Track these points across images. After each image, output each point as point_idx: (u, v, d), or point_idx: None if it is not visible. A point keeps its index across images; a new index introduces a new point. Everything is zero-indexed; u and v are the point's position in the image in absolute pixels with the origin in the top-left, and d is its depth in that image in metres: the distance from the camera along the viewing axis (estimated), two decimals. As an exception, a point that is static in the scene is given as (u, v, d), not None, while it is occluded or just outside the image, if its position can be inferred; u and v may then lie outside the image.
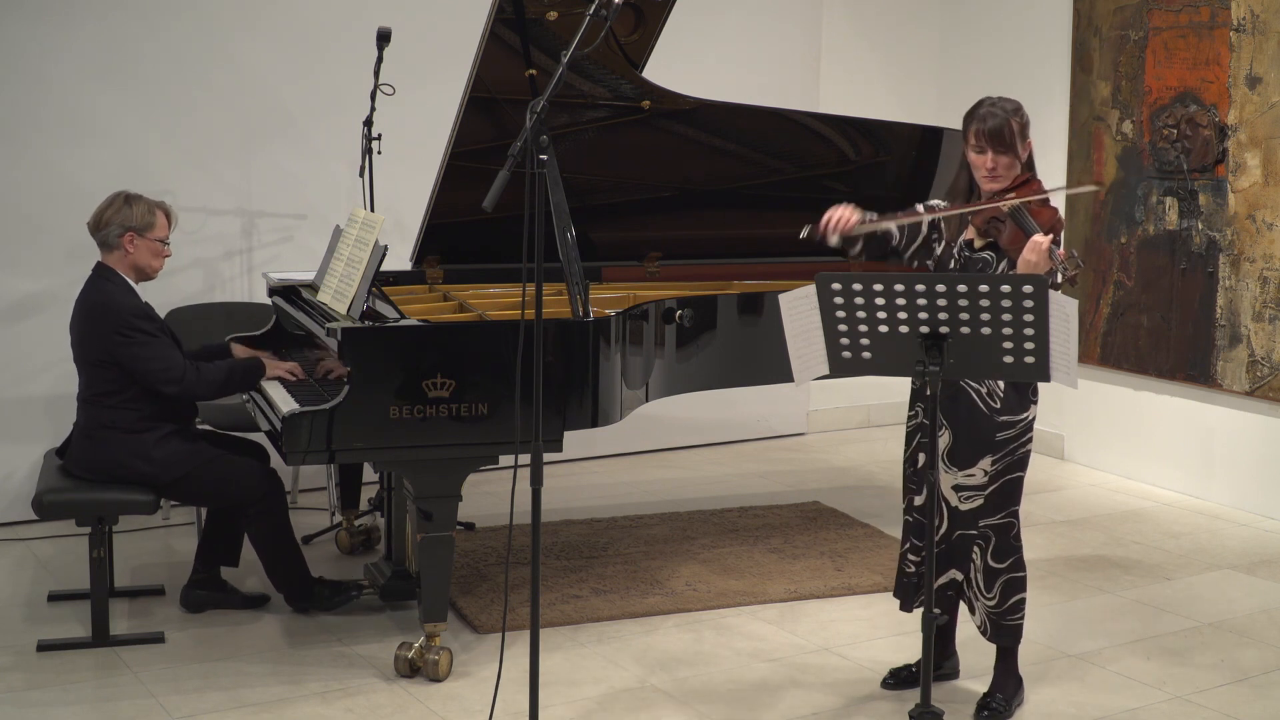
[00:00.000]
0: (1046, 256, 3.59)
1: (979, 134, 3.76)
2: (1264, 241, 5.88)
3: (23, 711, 3.86)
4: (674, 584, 4.91)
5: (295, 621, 4.53)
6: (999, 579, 3.86)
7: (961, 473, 3.83)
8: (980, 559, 3.87)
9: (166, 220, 4.45)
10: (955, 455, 3.83)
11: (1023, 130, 3.78)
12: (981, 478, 3.82)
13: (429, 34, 5.97)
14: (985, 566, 3.86)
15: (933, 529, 3.53)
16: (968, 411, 3.81)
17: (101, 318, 4.28)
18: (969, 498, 3.84)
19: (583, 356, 4.14)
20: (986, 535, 3.86)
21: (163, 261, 4.47)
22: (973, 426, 3.80)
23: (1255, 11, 5.86)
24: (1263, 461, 5.98)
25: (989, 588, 3.87)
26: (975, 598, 3.89)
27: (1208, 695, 4.10)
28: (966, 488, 3.84)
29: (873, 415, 7.65)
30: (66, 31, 5.49)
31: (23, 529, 5.45)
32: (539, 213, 3.17)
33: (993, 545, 3.86)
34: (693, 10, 5.63)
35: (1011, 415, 3.80)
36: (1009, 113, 3.76)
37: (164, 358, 4.29)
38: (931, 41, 7.58)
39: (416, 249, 4.88)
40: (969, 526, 3.86)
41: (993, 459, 3.81)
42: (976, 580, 3.88)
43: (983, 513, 3.85)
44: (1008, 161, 3.76)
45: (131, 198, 4.40)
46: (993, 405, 3.79)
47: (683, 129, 5.08)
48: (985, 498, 3.84)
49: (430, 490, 4.02)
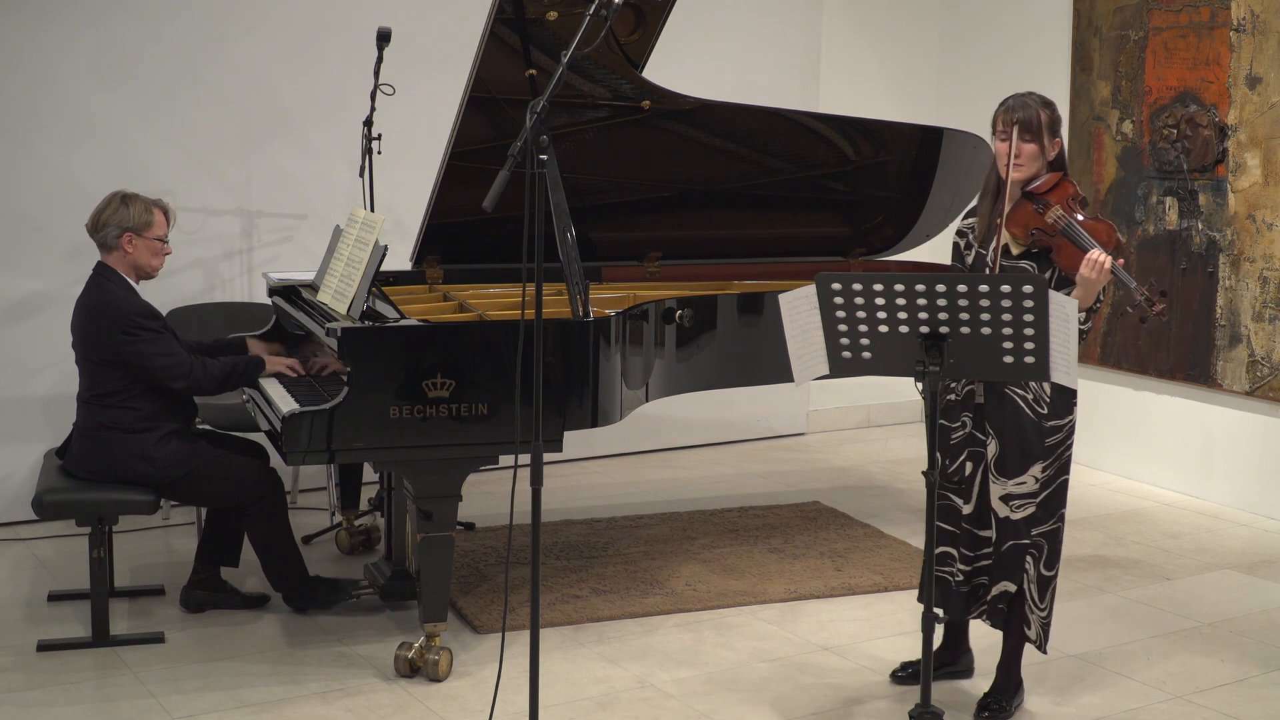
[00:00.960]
0: (1108, 274, 3.56)
1: (1006, 120, 3.74)
2: (1264, 241, 5.88)
3: (23, 711, 3.86)
4: (674, 584, 4.91)
5: (295, 621, 4.53)
6: (1049, 586, 3.83)
7: (1011, 482, 3.77)
8: (1034, 569, 3.80)
9: (165, 218, 4.44)
10: (1004, 465, 3.76)
11: (1052, 125, 3.76)
12: (1033, 485, 3.76)
13: (429, 34, 5.97)
14: (1039, 576, 3.81)
15: (932, 528, 3.52)
16: (1015, 419, 3.75)
17: (106, 317, 4.28)
18: (1021, 506, 3.77)
19: (583, 356, 4.14)
20: (1040, 544, 3.80)
21: (163, 260, 4.46)
22: (1021, 434, 3.74)
23: (1255, 11, 5.86)
24: (1263, 461, 5.98)
25: (1043, 597, 3.82)
26: (1030, 610, 3.81)
27: (1208, 695, 4.10)
28: (1017, 496, 3.77)
29: (873, 415, 7.66)
30: (66, 31, 5.49)
31: (23, 529, 5.45)
32: (539, 213, 3.17)
33: (1045, 553, 3.81)
34: (693, 10, 5.63)
35: (1058, 420, 3.75)
36: (1039, 104, 3.76)
37: (170, 354, 4.30)
38: (931, 41, 7.58)
39: (416, 249, 4.88)
40: (1021, 536, 3.79)
41: (1043, 465, 3.76)
42: (1030, 592, 3.81)
43: (1036, 520, 3.79)
44: (1032, 150, 3.73)
45: (128, 197, 4.38)
46: (1040, 411, 3.74)
47: (683, 129, 5.08)
48: (1038, 505, 3.78)
49: (430, 490, 4.02)
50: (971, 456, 3.83)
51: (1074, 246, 3.66)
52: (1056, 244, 3.69)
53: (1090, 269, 3.58)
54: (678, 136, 5.09)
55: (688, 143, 5.12)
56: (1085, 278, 3.59)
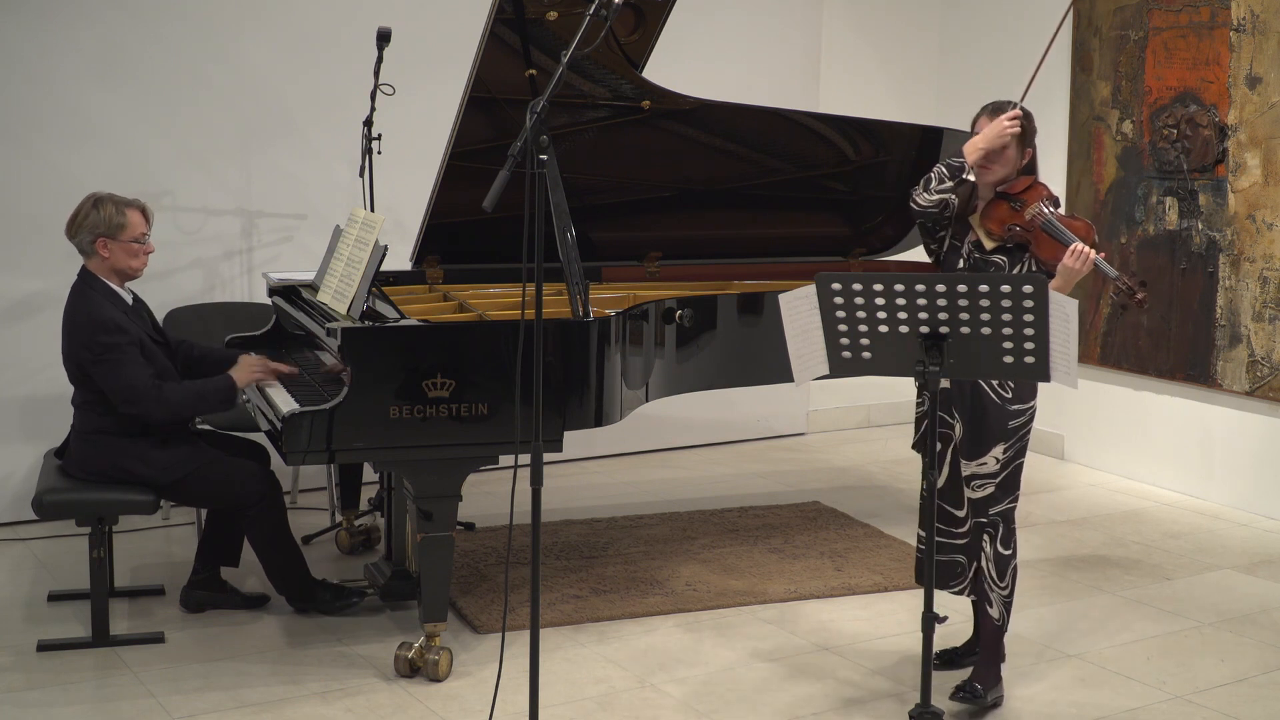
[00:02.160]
0: (1091, 266, 3.72)
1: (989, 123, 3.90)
2: (1264, 241, 5.88)
3: (23, 711, 3.86)
4: (674, 584, 4.91)
5: (295, 621, 4.53)
6: (1009, 565, 3.95)
7: (974, 463, 3.90)
8: (990, 547, 3.93)
9: (143, 217, 4.34)
10: (967, 446, 3.91)
11: (1027, 133, 3.92)
12: (994, 465, 3.89)
13: (429, 34, 5.97)
14: (996, 554, 3.94)
15: (932, 526, 3.53)
16: (978, 402, 3.88)
17: (74, 332, 4.25)
18: (980, 485, 3.91)
19: (583, 356, 4.14)
20: (995, 523, 3.94)
21: (144, 260, 4.37)
22: (984, 417, 3.88)
23: (1255, 11, 5.86)
24: (1263, 461, 5.98)
25: (1002, 576, 3.94)
26: (990, 588, 3.95)
27: (1208, 695, 4.10)
28: (979, 476, 3.91)
29: (873, 415, 7.66)
30: (66, 31, 5.49)
31: (23, 529, 5.45)
32: (539, 213, 3.17)
33: (1001, 532, 3.93)
34: (693, 10, 5.63)
35: (1022, 404, 3.89)
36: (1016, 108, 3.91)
37: (124, 375, 4.18)
38: (931, 41, 7.58)
39: (416, 249, 4.88)
40: (980, 514, 3.94)
41: (1004, 446, 3.88)
42: (989, 571, 3.94)
43: (994, 500, 3.92)
44: (1006, 156, 3.89)
45: (100, 200, 4.29)
46: (1004, 394, 3.86)
47: (683, 129, 5.08)
48: (997, 485, 3.91)
49: (430, 490, 4.02)
50: (939, 437, 3.93)
51: (1054, 240, 3.82)
52: (1036, 238, 3.85)
53: (1075, 259, 3.74)
54: (678, 136, 5.09)
55: (688, 143, 5.12)
56: (1069, 267, 3.74)
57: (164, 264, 5.63)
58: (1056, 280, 3.73)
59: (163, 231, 5.63)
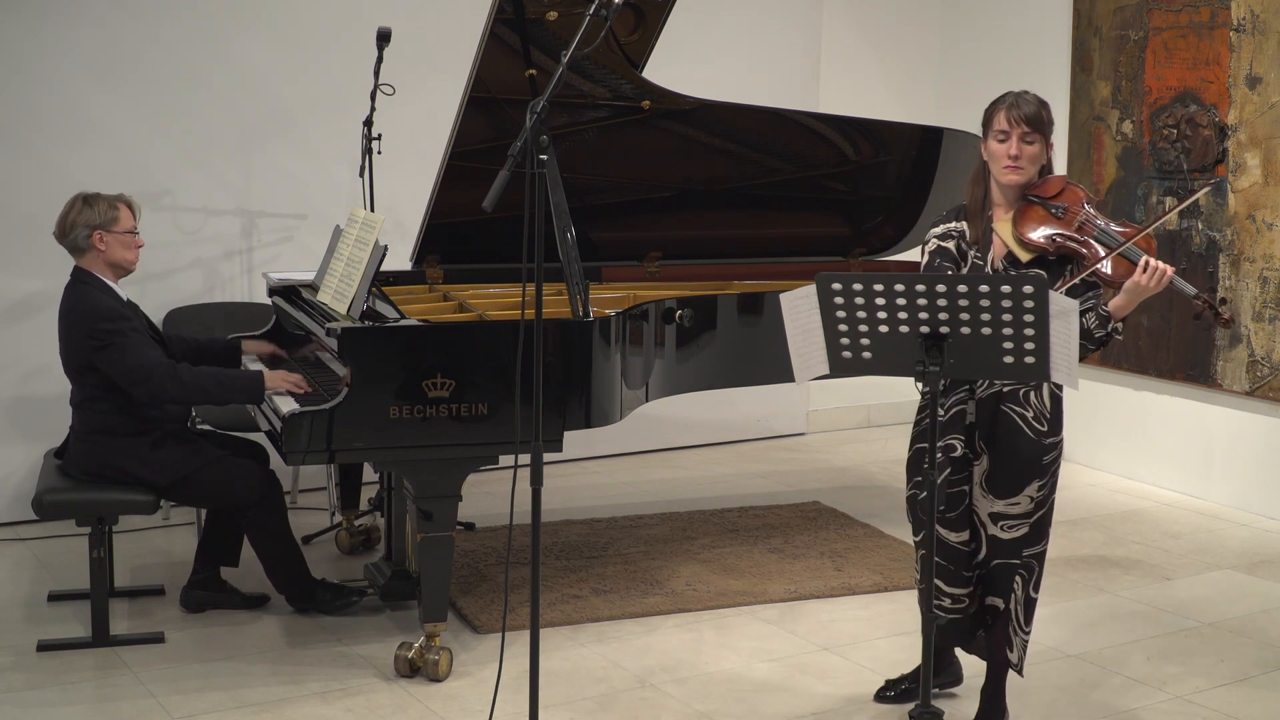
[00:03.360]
0: (1166, 283, 3.42)
1: (1012, 117, 3.52)
2: (1264, 241, 5.88)
3: (23, 711, 3.86)
4: (674, 584, 4.91)
5: (295, 621, 4.53)
6: (1034, 608, 3.68)
7: (1004, 501, 3.59)
8: (1022, 590, 3.63)
9: (130, 211, 4.38)
10: (997, 483, 3.58)
11: (1051, 125, 3.58)
12: (1028, 505, 3.59)
13: (429, 34, 5.97)
14: (1026, 598, 3.64)
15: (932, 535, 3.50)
16: (1010, 437, 3.58)
17: (75, 324, 4.25)
18: (1013, 526, 3.60)
19: (583, 356, 4.14)
20: (1030, 565, 3.63)
21: (137, 253, 4.39)
22: (1018, 452, 3.57)
23: (1255, 11, 5.86)
24: (1263, 461, 5.98)
25: (1028, 620, 3.67)
26: (1015, 632, 3.65)
27: (1208, 695, 4.10)
28: (1009, 516, 3.59)
29: (873, 415, 7.65)
30: (66, 31, 5.49)
31: (23, 529, 5.45)
32: (539, 213, 3.17)
33: (1035, 575, 3.64)
34: (693, 10, 5.62)
35: (1055, 436, 3.60)
36: (1039, 102, 3.58)
37: (132, 355, 4.19)
38: (931, 41, 7.58)
39: (416, 249, 4.88)
40: (1011, 555, 3.62)
41: (1039, 484, 3.59)
42: (1017, 614, 3.64)
43: (1027, 541, 3.61)
44: (1034, 152, 3.54)
45: (90, 197, 4.33)
46: (1040, 429, 3.58)
47: (683, 129, 5.08)
48: (1030, 525, 3.61)
49: (430, 490, 4.02)
50: (963, 480, 3.63)
51: (1123, 259, 3.46)
52: (1091, 251, 3.49)
53: (1151, 278, 3.41)
54: (678, 136, 5.09)
55: (688, 143, 5.12)
56: (1142, 286, 3.43)
57: (164, 264, 5.63)
58: (1120, 299, 3.43)
59: (163, 231, 5.64)
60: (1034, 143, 3.53)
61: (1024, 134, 3.52)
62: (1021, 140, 3.53)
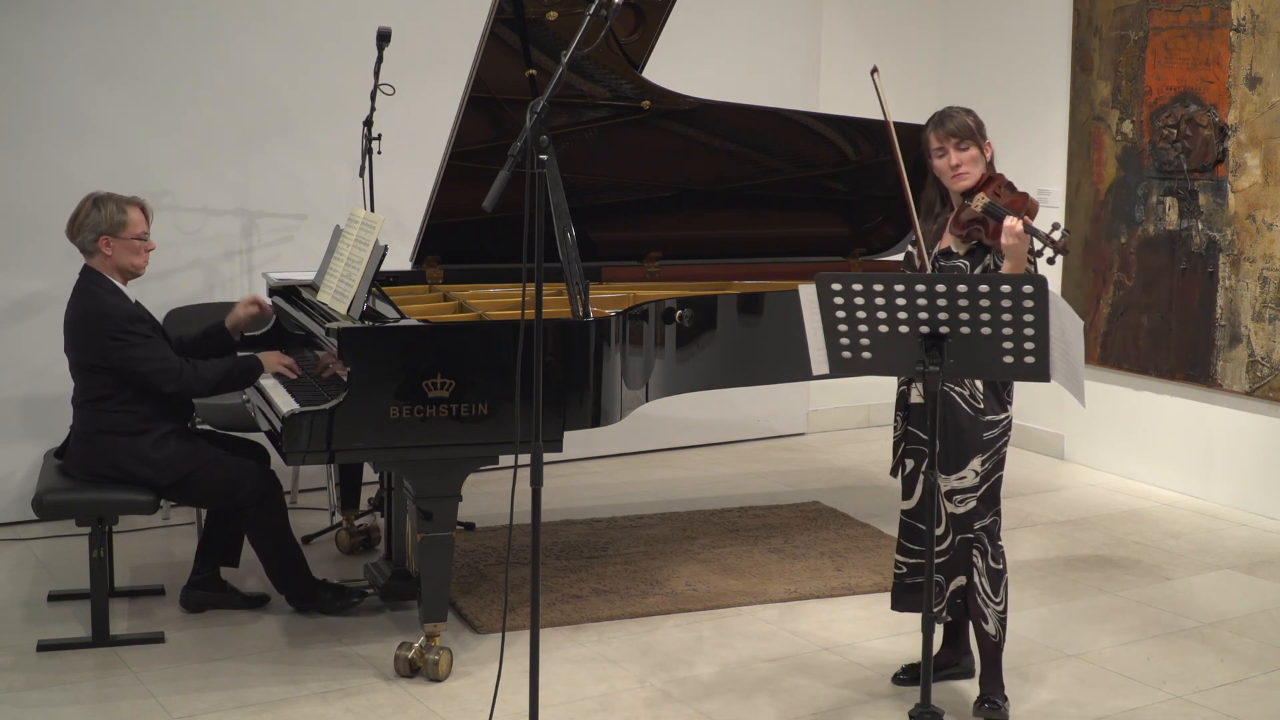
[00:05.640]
0: (1025, 236, 3.62)
1: (939, 135, 3.84)
2: (1264, 241, 5.88)
3: (23, 711, 3.86)
4: (674, 584, 4.91)
5: (295, 621, 4.53)
6: (1001, 580, 3.88)
7: (953, 477, 3.82)
8: (982, 563, 3.86)
9: (143, 215, 4.36)
10: (945, 460, 3.79)
11: (980, 127, 3.87)
12: (973, 479, 3.82)
13: (429, 34, 5.97)
14: (988, 569, 3.86)
15: (932, 533, 3.53)
16: (953, 415, 3.79)
17: (93, 322, 4.26)
18: (962, 500, 3.84)
19: (583, 356, 4.14)
20: (982, 539, 3.86)
21: (146, 258, 4.40)
22: (960, 429, 3.80)
23: (1255, 11, 5.86)
24: (1263, 461, 5.98)
25: (996, 591, 3.86)
26: (985, 604, 3.86)
27: (1208, 695, 4.10)
28: (960, 490, 3.83)
29: (873, 415, 7.65)
30: (66, 31, 5.49)
31: (23, 529, 5.45)
32: (539, 213, 3.17)
33: (989, 547, 3.86)
34: (693, 10, 5.63)
35: (994, 415, 3.82)
36: (963, 111, 3.88)
37: (159, 358, 4.27)
38: (931, 41, 7.58)
39: (416, 249, 4.88)
40: (965, 530, 3.86)
41: (982, 459, 3.82)
42: (983, 586, 3.86)
43: (976, 515, 3.85)
44: (972, 155, 3.82)
45: (100, 199, 4.32)
46: (977, 405, 3.80)
47: (683, 129, 5.08)
48: (978, 499, 3.84)
49: (430, 490, 4.02)
50: (910, 454, 3.90)
51: (997, 222, 3.71)
52: (988, 228, 3.74)
53: (1009, 237, 3.62)
54: (678, 136, 5.09)
55: (688, 143, 5.12)
56: (1008, 246, 3.63)
57: (164, 264, 5.63)
58: (1006, 262, 3.65)
59: (163, 231, 5.63)
60: (968, 148, 3.84)
61: (957, 144, 3.84)
62: (957, 149, 3.84)
